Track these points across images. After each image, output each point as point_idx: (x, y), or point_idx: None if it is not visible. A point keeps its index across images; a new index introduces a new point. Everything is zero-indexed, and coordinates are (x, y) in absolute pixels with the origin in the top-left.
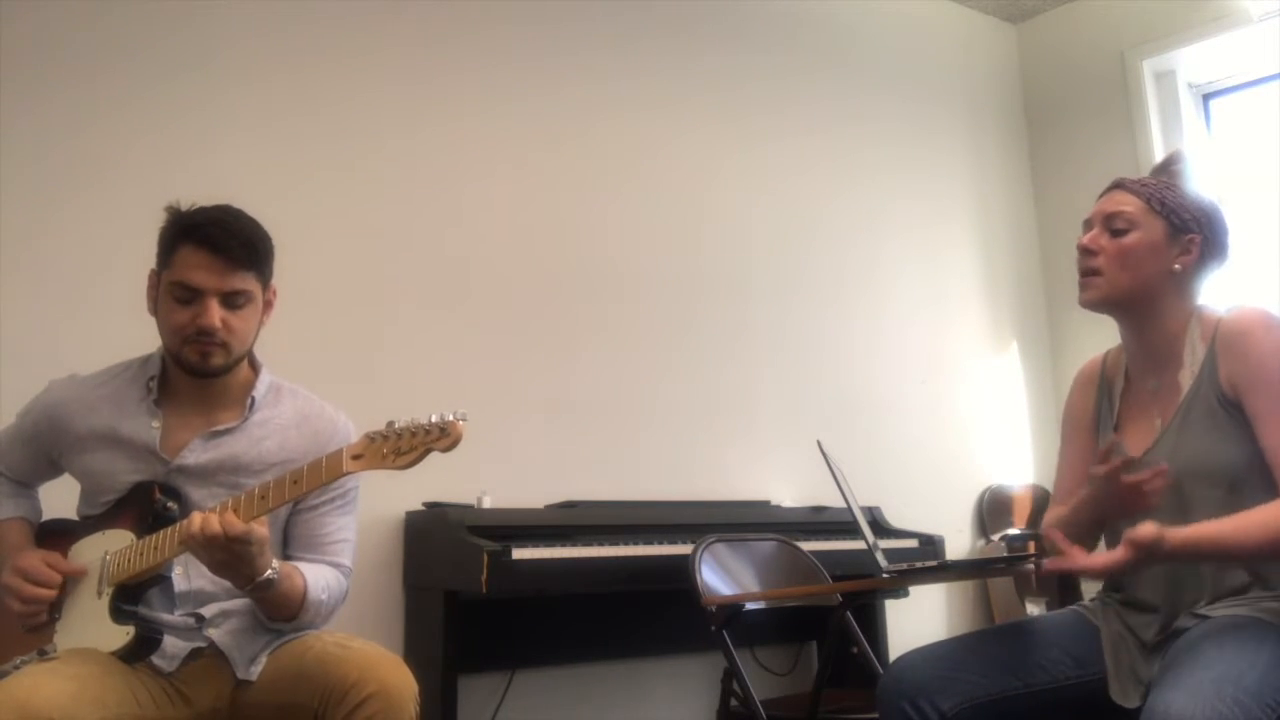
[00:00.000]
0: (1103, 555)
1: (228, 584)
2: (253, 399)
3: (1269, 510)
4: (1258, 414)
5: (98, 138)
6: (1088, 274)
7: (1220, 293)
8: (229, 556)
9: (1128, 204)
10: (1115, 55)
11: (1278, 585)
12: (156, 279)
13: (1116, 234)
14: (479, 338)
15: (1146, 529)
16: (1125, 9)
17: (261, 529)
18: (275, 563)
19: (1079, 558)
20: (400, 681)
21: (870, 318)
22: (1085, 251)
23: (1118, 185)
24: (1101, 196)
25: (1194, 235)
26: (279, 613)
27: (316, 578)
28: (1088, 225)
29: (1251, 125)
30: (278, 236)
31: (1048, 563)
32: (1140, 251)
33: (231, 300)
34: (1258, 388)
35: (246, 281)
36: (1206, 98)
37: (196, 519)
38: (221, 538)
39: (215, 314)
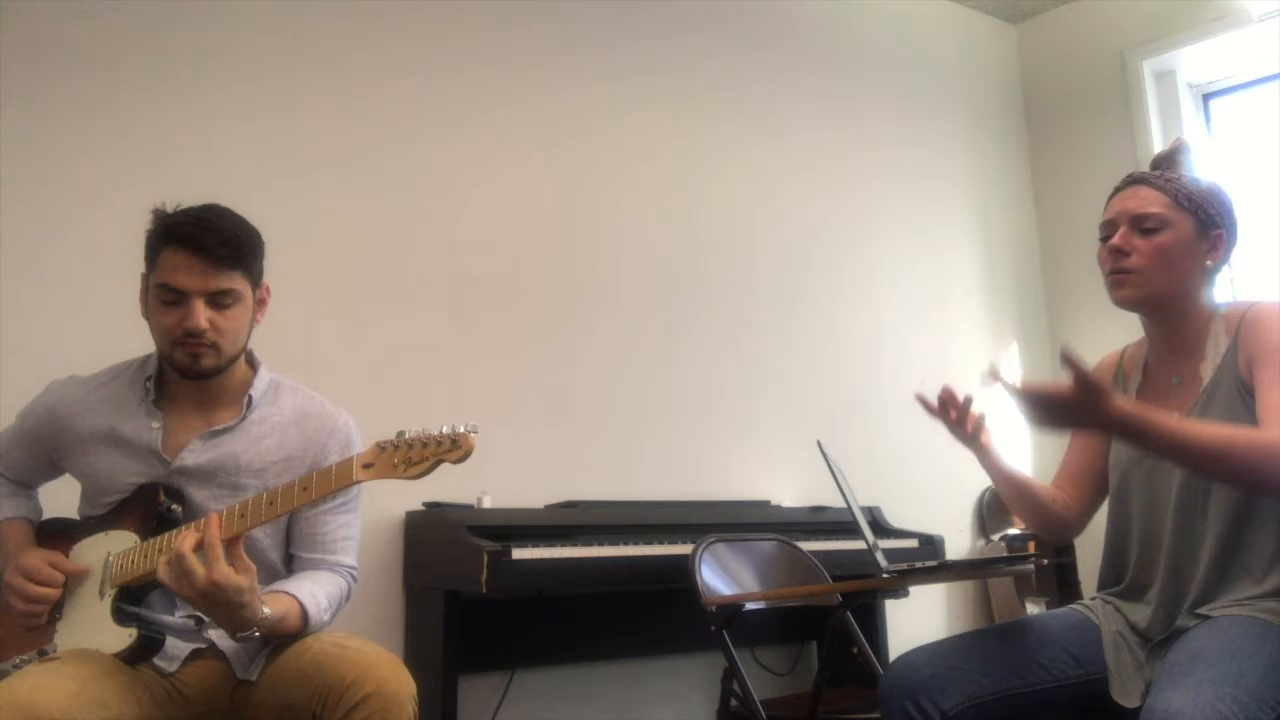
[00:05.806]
0: (1055, 385)
1: None
2: (250, 398)
3: (1225, 428)
4: (1260, 383)
5: (99, 137)
6: (1120, 273)
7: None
8: (212, 596)
9: (1155, 201)
10: (1115, 55)
11: (1277, 585)
12: (146, 282)
13: (1148, 233)
14: (479, 338)
15: (1104, 383)
16: (1125, 9)
17: (240, 578)
18: (266, 609)
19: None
20: (398, 681)
21: (870, 318)
22: (1117, 252)
23: (1139, 181)
24: (1120, 192)
25: (1220, 231)
26: (281, 639)
27: (315, 599)
28: (1110, 226)
29: (1251, 125)
30: (278, 238)
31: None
32: (1177, 250)
33: (218, 301)
34: (1265, 359)
35: (232, 280)
36: (1206, 98)
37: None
38: (189, 559)
39: (201, 315)
